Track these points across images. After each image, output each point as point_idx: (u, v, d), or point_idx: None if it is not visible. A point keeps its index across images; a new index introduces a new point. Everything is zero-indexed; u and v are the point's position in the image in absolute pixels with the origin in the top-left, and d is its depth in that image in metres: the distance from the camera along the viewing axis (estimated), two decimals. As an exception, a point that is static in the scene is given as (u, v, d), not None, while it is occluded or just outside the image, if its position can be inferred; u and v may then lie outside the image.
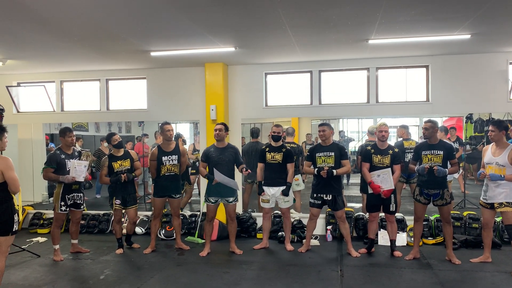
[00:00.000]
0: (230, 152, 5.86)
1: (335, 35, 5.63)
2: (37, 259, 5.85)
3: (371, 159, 5.70)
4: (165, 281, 4.94)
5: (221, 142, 5.86)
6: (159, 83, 7.77)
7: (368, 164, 5.73)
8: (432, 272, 5.07)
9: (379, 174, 5.60)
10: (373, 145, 5.79)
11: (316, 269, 5.22)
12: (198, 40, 5.81)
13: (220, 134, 5.80)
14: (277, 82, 7.62)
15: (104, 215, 7.48)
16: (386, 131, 5.66)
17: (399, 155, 5.72)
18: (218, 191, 5.80)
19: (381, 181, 5.58)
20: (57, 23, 5.03)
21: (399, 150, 5.85)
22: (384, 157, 5.66)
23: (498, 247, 5.89)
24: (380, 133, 5.68)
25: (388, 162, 5.64)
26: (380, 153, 5.68)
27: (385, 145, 5.72)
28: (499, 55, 6.70)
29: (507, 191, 4.92)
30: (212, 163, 5.76)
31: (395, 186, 5.61)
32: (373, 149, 5.74)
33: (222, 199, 5.86)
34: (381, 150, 5.69)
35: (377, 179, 5.61)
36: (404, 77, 7.15)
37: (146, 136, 9.67)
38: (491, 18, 5.04)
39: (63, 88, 8.24)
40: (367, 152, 5.77)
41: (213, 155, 5.80)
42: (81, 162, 5.72)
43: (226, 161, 5.80)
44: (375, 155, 5.70)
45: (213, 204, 5.88)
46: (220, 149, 5.84)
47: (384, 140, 5.68)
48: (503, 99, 6.74)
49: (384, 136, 5.65)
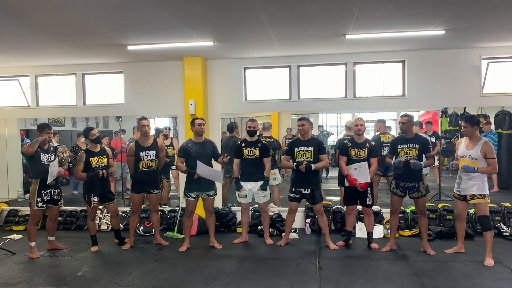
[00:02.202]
0: (208, 147, 5.87)
1: (313, 30, 5.67)
2: (12, 256, 5.74)
3: (348, 153, 5.78)
4: (144, 276, 4.91)
5: (200, 137, 5.85)
6: (137, 78, 7.69)
7: (345, 157, 5.80)
8: (408, 263, 5.18)
9: (356, 168, 5.68)
10: (351, 139, 5.87)
11: (295, 262, 5.28)
12: (176, 34, 5.77)
13: (203, 128, 5.81)
14: (256, 77, 7.63)
15: (81, 211, 7.38)
16: (362, 125, 5.75)
17: (375, 148, 5.82)
18: (198, 186, 5.79)
19: (357, 174, 5.67)
20: (32, 15, 4.92)
21: (375, 143, 5.94)
22: (361, 150, 5.74)
23: (471, 237, 6.05)
24: (356, 127, 5.77)
25: (365, 156, 5.72)
26: (357, 147, 5.76)
27: (362, 139, 5.80)
28: (473, 50, 6.85)
29: (480, 184, 5.05)
30: (192, 158, 5.74)
31: (371, 179, 5.70)
32: (350, 143, 5.82)
33: (203, 193, 5.86)
34: (358, 143, 5.77)
35: (353, 172, 5.70)
36: (381, 72, 7.25)
37: (123, 131, 9.56)
38: (464, 15, 5.16)
39: (38, 83, 8.07)
40: (345, 145, 5.86)
41: (192, 150, 5.78)
42: (54, 163, 5.63)
43: (206, 155, 5.80)
44: (352, 148, 5.78)
45: (194, 199, 5.87)
46: (199, 144, 5.83)
47: (360, 134, 5.76)
48: (476, 94, 6.90)
49: (360, 130, 5.74)
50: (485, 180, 5.09)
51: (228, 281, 4.68)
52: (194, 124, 5.82)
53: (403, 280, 4.62)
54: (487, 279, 4.58)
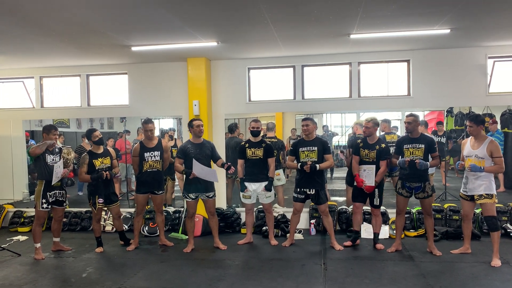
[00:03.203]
0: (207, 148, 5.87)
1: (317, 29, 5.64)
2: (17, 258, 5.75)
3: (359, 153, 5.77)
4: (148, 278, 4.90)
5: (199, 138, 5.84)
6: (141, 79, 7.69)
7: (357, 157, 5.80)
8: (413, 263, 5.14)
9: (365, 169, 5.69)
10: (363, 139, 5.84)
11: (300, 263, 5.25)
12: (180, 34, 5.76)
13: (203, 130, 5.80)
14: (260, 77, 7.60)
15: (86, 213, 7.39)
16: (367, 127, 5.72)
17: (385, 150, 5.72)
18: (197, 187, 5.78)
19: (365, 176, 5.66)
20: (36, 17, 4.92)
21: (386, 146, 5.82)
22: (371, 151, 5.71)
23: (477, 238, 6.00)
24: (363, 129, 5.78)
25: (374, 157, 5.68)
26: (368, 148, 5.74)
27: (374, 139, 5.76)
28: (478, 49, 6.79)
29: (487, 183, 5.00)
30: (190, 159, 5.72)
31: (378, 182, 5.66)
32: (362, 143, 5.81)
33: (202, 194, 5.85)
34: (369, 144, 5.74)
35: (362, 173, 5.70)
36: (385, 72, 7.20)
37: (128, 132, 9.57)
38: (469, 13, 5.11)
39: (43, 84, 8.09)
40: (357, 145, 5.85)
41: (191, 151, 5.77)
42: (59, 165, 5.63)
43: (204, 156, 5.80)
44: (362, 149, 5.76)
45: (193, 200, 5.86)
46: (198, 145, 5.83)
47: (368, 136, 5.73)
48: (482, 93, 6.84)
49: (365, 132, 5.72)
50: (492, 179, 5.05)
51: (233, 282, 4.66)
52: (192, 125, 5.81)
53: (409, 281, 4.59)
54: (495, 280, 4.54)
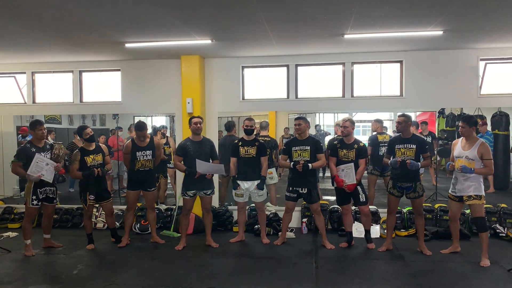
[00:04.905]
0: (206, 145, 5.85)
1: (311, 29, 5.66)
2: (7, 254, 5.71)
3: (337, 153, 5.79)
4: (140, 275, 4.89)
5: (198, 135, 5.83)
6: (134, 75, 7.65)
7: (334, 158, 5.82)
8: (404, 263, 5.19)
9: (343, 169, 5.71)
10: (340, 140, 5.88)
11: (291, 262, 5.27)
12: (174, 31, 5.74)
13: (200, 127, 5.78)
14: (254, 76, 7.60)
15: (77, 209, 7.34)
16: (345, 127, 5.73)
17: (364, 149, 5.79)
18: (196, 184, 5.77)
19: (344, 176, 5.69)
20: (28, 11, 4.88)
21: (364, 145, 5.90)
22: (349, 151, 5.74)
23: (467, 238, 6.06)
24: (341, 129, 5.81)
25: (353, 157, 5.72)
26: (345, 148, 5.76)
27: (351, 139, 5.79)
28: (470, 51, 6.86)
29: (476, 185, 5.05)
30: (190, 157, 5.72)
31: (359, 180, 5.70)
32: (339, 144, 5.83)
33: (200, 191, 5.84)
34: (347, 144, 5.77)
35: (341, 173, 5.72)
36: (378, 72, 7.24)
37: (120, 129, 9.53)
38: (462, 15, 5.16)
39: (35, 80, 8.02)
40: (334, 146, 5.88)
41: (190, 148, 5.75)
42: (44, 159, 5.51)
43: (204, 154, 5.78)
44: (340, 149, 5.78)
45: (191, 197, 5.85)
46: (197, 143, 5.81)
47: (346, 135, 5.76)
48: (473, 95, 6.91)
49: (343, 131, 5.74)
50: (481, 181, 5.10)
51: (224, 280, 4.67)
52: (191, 123, 5.80)
53: (399, 280, 4.63)
54: (483, 280, 4.60)
